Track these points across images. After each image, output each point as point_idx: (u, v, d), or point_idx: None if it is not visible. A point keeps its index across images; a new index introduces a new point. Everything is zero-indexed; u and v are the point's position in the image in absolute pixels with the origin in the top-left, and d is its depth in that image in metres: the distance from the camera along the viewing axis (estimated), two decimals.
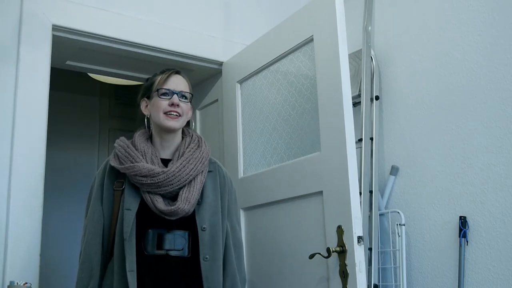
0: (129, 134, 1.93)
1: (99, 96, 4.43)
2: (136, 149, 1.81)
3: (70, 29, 2.35)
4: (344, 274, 1.88)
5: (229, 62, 2.75)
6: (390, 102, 2.67)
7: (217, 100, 2.91)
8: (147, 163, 1.77)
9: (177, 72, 1.92)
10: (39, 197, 2.15)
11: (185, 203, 1.73)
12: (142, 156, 1.79)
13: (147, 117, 1.91)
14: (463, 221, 2.24)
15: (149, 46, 2.56)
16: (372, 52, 2.73)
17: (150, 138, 1.90)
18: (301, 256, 2.08)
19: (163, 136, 1.87)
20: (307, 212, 2.12)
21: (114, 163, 1.79)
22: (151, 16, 2.60)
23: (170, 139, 1.87)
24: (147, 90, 1.90)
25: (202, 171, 1.83)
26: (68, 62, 2.70)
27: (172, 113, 1.82)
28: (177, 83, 1.87)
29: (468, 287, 2.21)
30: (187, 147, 1.85)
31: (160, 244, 1.74)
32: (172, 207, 1.72)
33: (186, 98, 1.86)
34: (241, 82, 2.64)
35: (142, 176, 1.73)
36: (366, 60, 2.68)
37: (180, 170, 1.75)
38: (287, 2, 2.88)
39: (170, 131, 1.85)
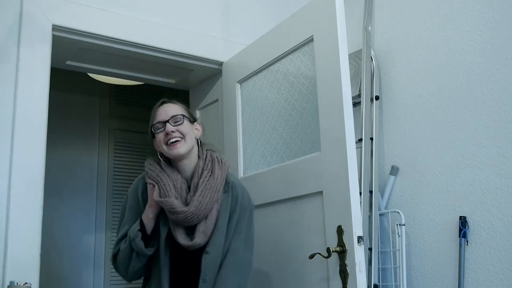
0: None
1: (99, 96, 4.42)
2: (169, 177, 1.85)
3: (70, 29, 2.35)
4: (344, 274, 1.88)
5: (229, 62, 2.75)
6: (390, 102, 2.67)
7: (217, 100, 2.91)
8: (176, 194, 1.82)
9: (163, 102, 1.92)
10: (39, 197, 2.15)
11: (202, 238, 1.79)
12: (173, 185, 1.83)
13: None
14: (463, 221, 2.24)
15: (149, 46, 2.56)
16: (372, 52, 2.73)
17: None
18: (301, 256, 2.07)
19: (177, 162, 1.89)
20: (307, 212, 2.12)
21: (156, 197, 1.82)
22: (151, 16, 2.60)
23: (185, 163, 1.89)
24: (150, 131, 1.93)
25: (218, 200, 1.86)
26: (68, 62, 2.69)
27: (171, 140, 1.84)
28: (166, 111, 1.88)
29: (468, 287, 2.21)
30: (200, 175, 1.86)
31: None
32: (190, 243, 1.78)
33: (180, 120, 1.87)
34: (241, 82, 2.64)
35: (167, 211, 1.81)
36: (366, 60, 2.68)
37: (197, 208, 1.79)
38: (287, 2, 2.88)
39: (178, 158, 1.87)
